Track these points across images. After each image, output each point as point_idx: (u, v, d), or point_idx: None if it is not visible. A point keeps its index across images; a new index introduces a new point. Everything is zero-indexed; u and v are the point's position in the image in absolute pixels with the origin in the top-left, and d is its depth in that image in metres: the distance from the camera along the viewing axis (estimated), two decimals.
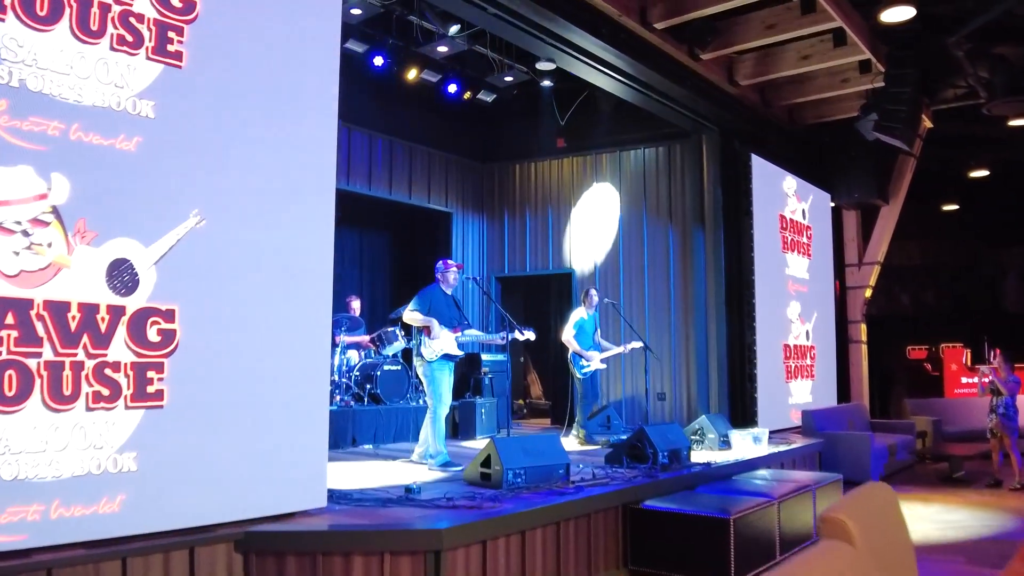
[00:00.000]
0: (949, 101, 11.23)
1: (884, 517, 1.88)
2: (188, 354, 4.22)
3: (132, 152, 4.11)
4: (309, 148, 4.89)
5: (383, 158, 10.89)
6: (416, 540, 4.28)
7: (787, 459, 8.34)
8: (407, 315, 7.14)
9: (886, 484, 2.19)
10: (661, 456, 6.57)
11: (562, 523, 5.12)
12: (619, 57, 8.38)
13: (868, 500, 1.94)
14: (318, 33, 5.04)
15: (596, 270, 11.65)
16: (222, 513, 4.30)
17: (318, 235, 4.90)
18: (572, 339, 8.90)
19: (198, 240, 4.30)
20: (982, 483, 9.37)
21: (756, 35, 9.08)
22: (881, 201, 11.95)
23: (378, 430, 8.76)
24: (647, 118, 10.66)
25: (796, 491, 6.37)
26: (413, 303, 7.12)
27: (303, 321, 4.74)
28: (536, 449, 5.75)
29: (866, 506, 1.86)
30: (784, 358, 10.86)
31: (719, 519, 5.33)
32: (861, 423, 11.14)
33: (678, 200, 11.20)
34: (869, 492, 2.02)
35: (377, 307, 11.51)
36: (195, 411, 4.23)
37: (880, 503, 1.95)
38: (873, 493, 2.02)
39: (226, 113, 4.49)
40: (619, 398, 11.19)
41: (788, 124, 11.79)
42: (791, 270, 11.23)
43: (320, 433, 4.81)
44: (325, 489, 4.77)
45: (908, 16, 8.55)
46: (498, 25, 7.55)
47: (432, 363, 6.98)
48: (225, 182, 4.45)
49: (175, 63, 4.30)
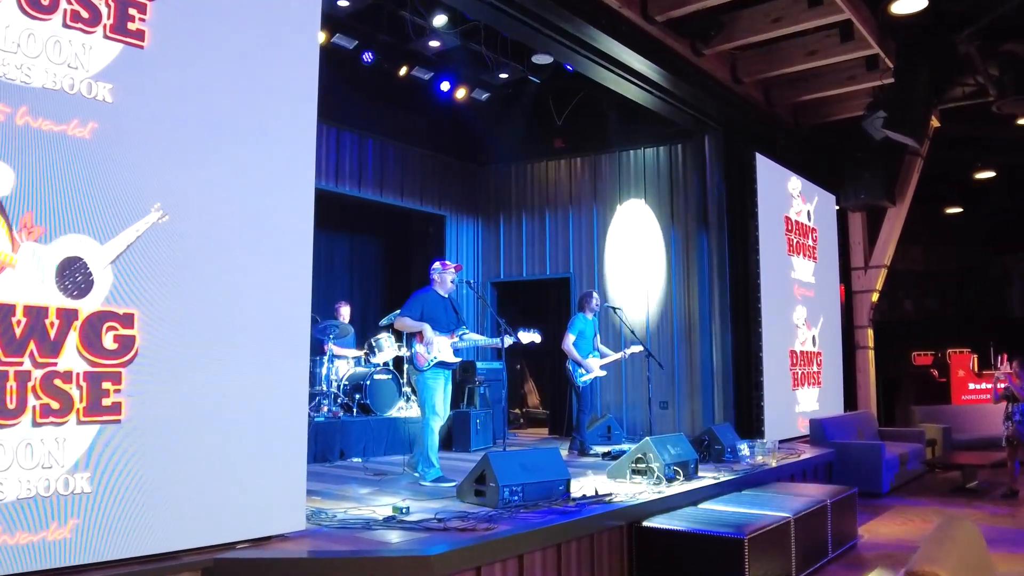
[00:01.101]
0: (957, 100, 10.93)
1: (975, 565, 1.51)
2: (149, 363, 3.81)
3: (86, 139, 3.72)
4: (285, 139, 4.49)
5: (374, 160, 10.52)
6: (403, 567, 3.88)
7: (797, 471, 7.97)
8: (398, 321, 6.74)
9: (970, 522, 1.81)
10: (667, 470, 6.18)
11: (563, 545, 4.72)
12: (618, 50, 8.02)
13: (956, 545, 1.56)
14: (295, 15, 4.65)
15: (595, 274, 11.27)
16: (188, 538, 3.89)
17: (295, 234, 4.48)
18: (572, 347, 8.50)
19: (160, 237, 3.90)
20: (997, 493, 9.04)
21: (761, 29, 8.78)
22: (888, 202, 11.65)
23: (368, 443, 8.35)
24: (648, 117, 10.31)
25: (812, 506, 5.97)
26: (404, 307, 6.72)
27: (278, 327, 4.34)
28: (534, 464, 5.35)
29: (956, 553, 1.48)
30: (791, 365, 10.49)
31: (733, 539, 4.94)
32: (870, 432, 10.79)
33: (680, 201, 10.85)
34: (954, 535, 1.63)
35: (369, 313, 11.13)
36: (157, 426, 3.82)
37: (968, 544, 1.57)
38: (959, 536, 1.63)
39: (192, 99, 4.09)
40: (620, 407, 10.81)
41: (793, 123, 11.47)
42: (797, 273, 10.86)
43: (298, 449, 4.39)
44: (303, 511, 4.36)
45: (920, 7, 8.24)
46: (491, 14, 7.19)
47: (425, 371, 6.58)
48: (191, 174, 4.05)
49: (136, 43, 3.91)
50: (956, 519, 1.80)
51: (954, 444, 11.61)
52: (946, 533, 1.64)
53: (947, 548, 1.52)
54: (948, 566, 1.38)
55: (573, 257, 11.51)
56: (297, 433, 4.40)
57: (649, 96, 9.21)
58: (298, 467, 4.37)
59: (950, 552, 1.48)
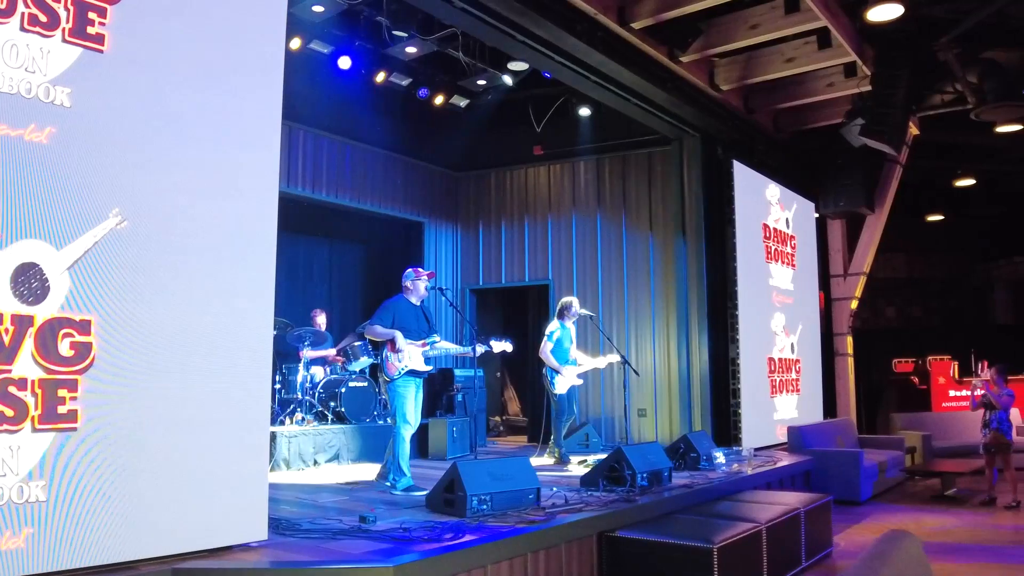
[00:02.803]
0: (936, 107, 10.97)
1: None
2: (106, 370, 3.75)
3: (44, 144, 3.66)
4: (249, 144, 4.43)
5: (353, 166, 10.47)
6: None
7: (774, 479, 7.94)
8: (368, 329, 6.70)
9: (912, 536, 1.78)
10: (640, 478, 6.15)
11: (531, 555, 4.66)
12: (596, 57, 8.01)
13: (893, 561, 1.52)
14: (259, 18, 4.59)
15: (574, 281, 11.25)
16: (147, 548, 3.82)
17: (258, 240, 4.42)
18: (549, 354, 8.46)
19: (119, 243, 3.85)
20: (976, 501, 9.03)
21: (739, 36, 8.77)
22: (867, 210, 11.67)
23: (342, 450, 8.28)
24: (626, 124, 10.33)
25: (784, 515, 5.94)
26: (375, 316, 6.67)
27: (239, 334, 4.28)
28: (504, 473, 5.30)
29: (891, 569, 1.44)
30: (769, 372, 10.49)
31: (702, 548, 4.90)
32: (849, 439, 10.78)
33: (659, 208, 10.85)
34: (893, 549, 1.59)
35: (348, 320, 11.06)
36: (114, 434, 3.76)
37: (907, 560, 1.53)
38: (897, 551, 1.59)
39: (153, 103, 4.04)
40: (598, 415, 10.78)
41: (772, 130, 11.48)
42: (775, 281, 10.87)
43: (260, 458, 4.34)
44: (265, 520, 4.30)
45: (896, 15, 8.24)
46: (466, 20, 7.16)
47: (396, 380, 6.52)
48: (151, 179, 3.99)
49: (96, 47, 3.86)
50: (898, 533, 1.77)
51: (934, 451, 11.60)
52: (884, 548, 1.61)
53: (884, 563, 1.49)
54: None
55: (552, 264, 11.49)
56: (259, 442, 4.35)
57: (627, 103, 9.21)
58: (260, 476, 4.31)
59: (887, 567, 1.45)
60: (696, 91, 9.62)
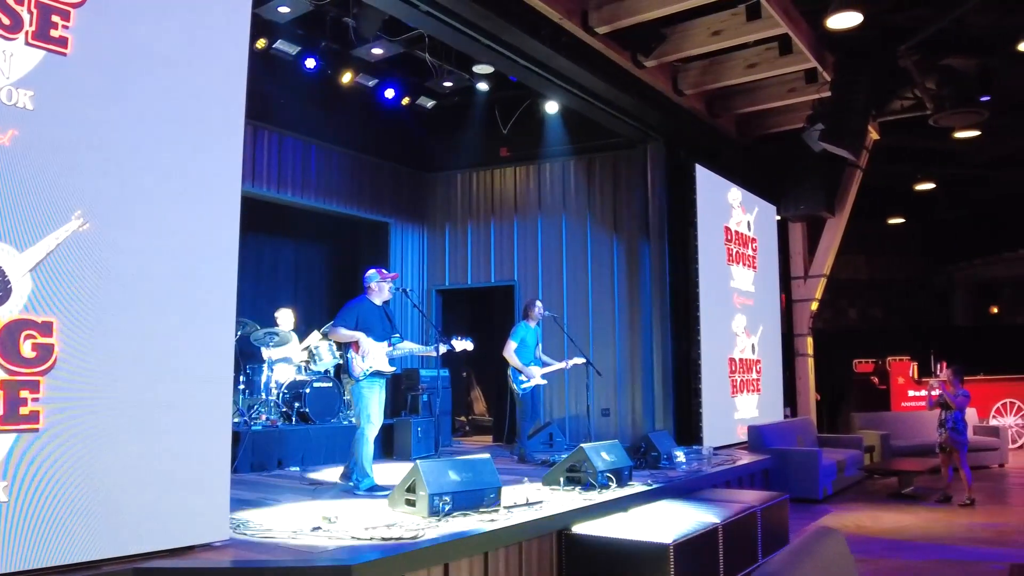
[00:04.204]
0: (896, 112, 11.20)
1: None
2: (68, 372, 3.78)
3: (6, 146, 3.68)
4: (211, 148, 4.47)
5: (318, 166, 10.45)
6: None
7: (733, 477, 8.08)
8: (332, 331, 6.74)
9: (837, 533, 1.86)
10: (601, 477, 6.25)
11: (490, 553, 4.74)
12: (560, 61, 8.10)
13: (815, 556, 1.60)
14: (223, 21, 4.63)
15: (540, 282, 11.34)
16: (109, 547, 3.86)
17: (220, 242, 4.46)
18: (513, 354, 8.55)
19: (82, 245, 3.87)
20: (932, 499, 9.22)
21: (701, 42, 8.90)
22: (827, 213, 11.87)
23: (307, 452, 8.28)
24: (592, 127, 10.43)
25: (741, 512, 6.07)
26: (338, 317, 6.71)
27: (201, 335, 4.31)
28: (465, 472, 5.37)
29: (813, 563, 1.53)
30: (730, 372, 10.65)
31: (658, 546, 5.01)
32: (809, 438, 10.96)
33: (623, 211, 10.96)
34: (816, 545, 1.68)
35: (313, 321, 11.03)
36: (76, 435, 3.79)
37: (829, 556, 1.62)
38: (821, 547, 1.68)
39: (116, 106, 4.07)
40: (563, 415, 10.88)
41: (734, 135, 11.65)
42: (736, 282, 11.04)
43: (221, 459, 4.38)
44: (227, 519, 4.35)
45: (855, 23, 8.41)
46: (432, 25, 7.22)
47: (361, 381, 6.57)
48: (113, 182, 4.02)
49: (59, 50, 3.88)
50: (824, 530, 1.85)
51: (892, 450, 11.81)
52: (807, 543, 1.69)
53: (805, 558, 1.57)
54: None
55: (518, 265, 11.56)
56: (221, 442, 4.39)
57: (592, 107, 9.32)
58: (222, 476, 4.36)
59: (808, 562, 1.53)
60: (659, 96, 9.75)
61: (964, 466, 8.94)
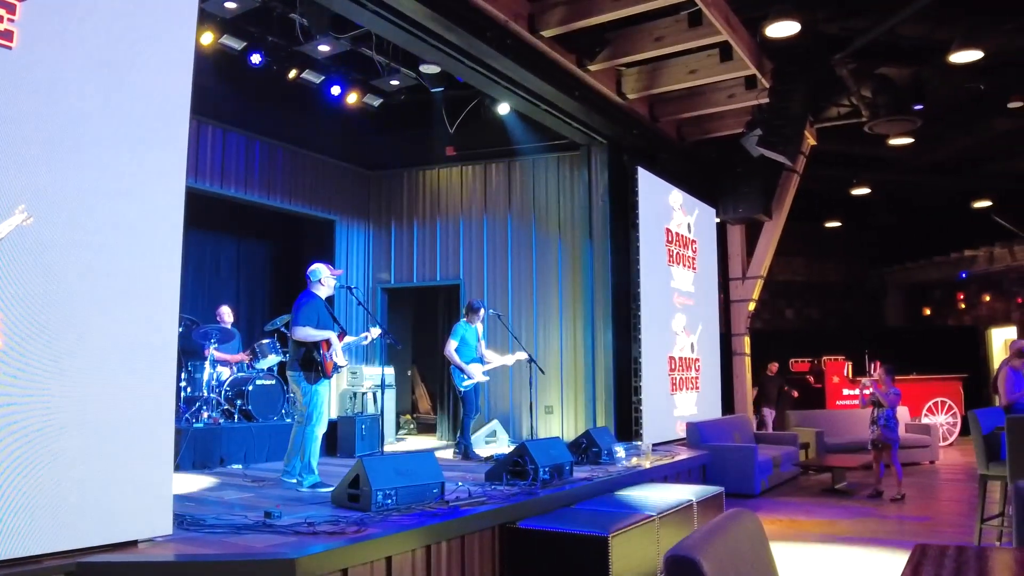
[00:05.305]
0: (833, 119, 11.53)
1: (746, 555, 1.67)
2: (9, 366, 3.75)
3: None
4: (155, 144, 4.46)
5: (261, 162, 10.40)
6: (268, 571, 3.91)
7: (671, 472, 8.26)
8: (300, 331, 6.49)
9: (751, 512, 1.98)
10: (542, 472, 6.35)
11: (433, 546, 4.82)
12: (505, 63, 8.20)
13: (727, 536, 1.71)
14: (169, 18, 4.63)
15: (485, 281, 11.43)
16: (50, 542, 3.82)
17: (163, 239, 4.44)
18: (454, 352, 8.63)
19: (24, 239, 3.84)
20: (864, 494, 9.49)
21: (645, 47, 9.07)
22: (765, 216, 12.14)
23: (249, 449, 8.25)
24: (538, 129, 10.55)
25: (678, 505, 6.25)
26: (301, 317, 6.55)
27: (144, 331, 4.30)
28: (409, 468, 5.44)
29: (724, 544, 1.64)
30: (669, 370, 10.86)
31: (597, 537, 5.14)
32: (746, 435, 11.22)
33: (567, 212, 11.12)
34: (729, 525, 1.79)
35: (256, 317, 10.99)
36: (17, 430, 3.75)
37: (742, 535, 1.73)
38: (733, 527, 1.79)
39: (61, 100, 4.04)
40: (506, 412, 10.99)
41: (676, 139, 11.87)
42: (676, 283, 11.26)
43: (164, 454, 4.38)
44: (170, 514, 4.35)
45: (792, 31, 8.66)
46: (378, 23, 7.26)
47: (322, 379, 6.55)
48: (58, 176, 3.99)
49: (4, 43, 3.85)
50: (738, 512, 1.96)
51: (827, 447, 12.12)
52: (720, 523, 1.79)
53: (716, 537, 1.67)
54: (711, 555, 1.52)
55: (463, 264, 11.64)
56: (163, 438, 4.38)
57: (537, 109, 9.44)
58: (164, 471, 4.36)
59: (718, 542, 1.63)
60: (603, 99, 9.90)
61: (895, 462, 9.24)
